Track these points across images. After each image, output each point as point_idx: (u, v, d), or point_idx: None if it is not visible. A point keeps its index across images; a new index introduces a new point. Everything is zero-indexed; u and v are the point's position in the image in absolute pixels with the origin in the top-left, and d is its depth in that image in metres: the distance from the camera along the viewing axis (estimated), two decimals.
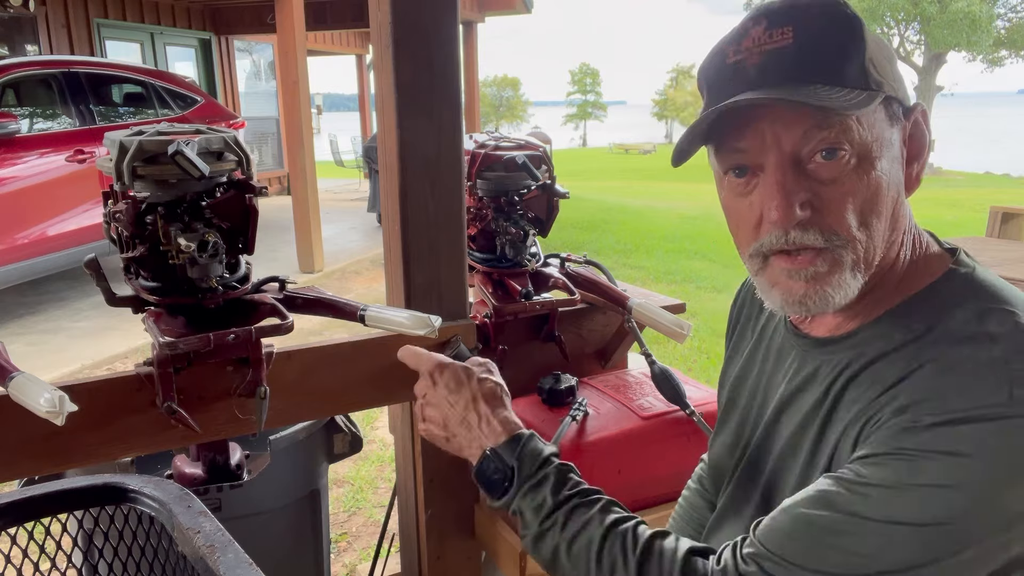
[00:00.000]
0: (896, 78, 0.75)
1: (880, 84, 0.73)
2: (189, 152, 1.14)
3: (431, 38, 1.43)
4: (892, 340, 0.74)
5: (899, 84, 0.76)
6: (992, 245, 3.01)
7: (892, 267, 0.77)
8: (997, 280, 0.75)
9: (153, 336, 1.18)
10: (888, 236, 0.76)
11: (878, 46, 0.74)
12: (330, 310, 1.38)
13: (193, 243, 1.15)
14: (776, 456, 0.86)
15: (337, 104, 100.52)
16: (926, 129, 0.78)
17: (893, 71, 0.75)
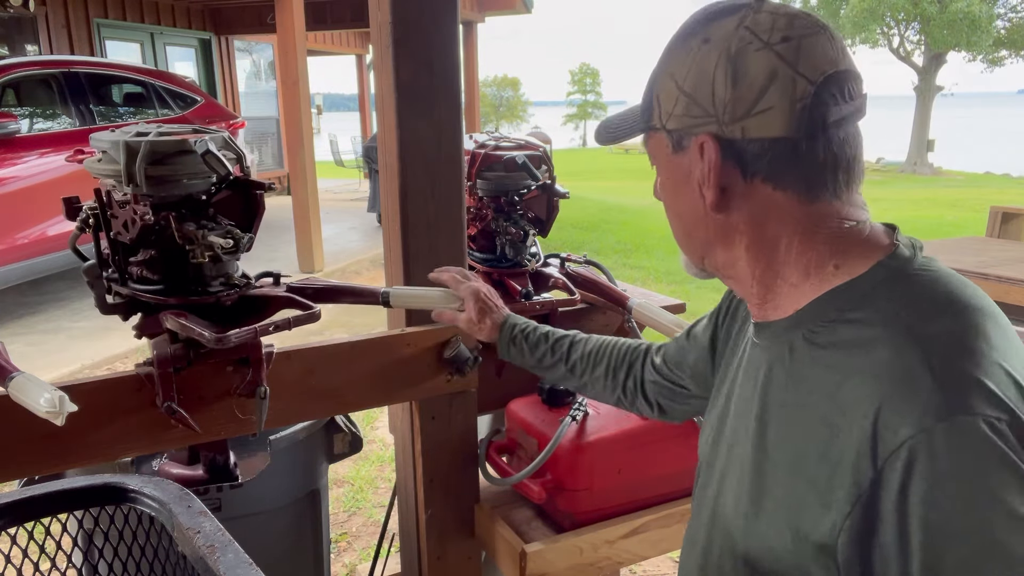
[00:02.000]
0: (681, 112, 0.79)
1: (650, 117, 0.82)
2: (216, 150, 1.15)
3: (431, 38, 1.43)
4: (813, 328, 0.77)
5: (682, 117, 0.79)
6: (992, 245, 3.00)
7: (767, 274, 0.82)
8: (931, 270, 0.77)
9: (189, 333, 1.16)
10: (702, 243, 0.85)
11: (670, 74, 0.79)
12: (346, 296, 1.38)
13: (228, 241, 1.15)
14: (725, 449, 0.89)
15: (337, 104, 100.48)
16: (705, 156, 0.78)
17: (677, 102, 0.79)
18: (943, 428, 0.63)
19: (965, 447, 0.63)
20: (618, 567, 1.58)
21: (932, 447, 0.63)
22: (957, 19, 22.75)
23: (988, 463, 0.63)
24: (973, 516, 0.62)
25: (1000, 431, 0.63)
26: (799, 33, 0.74)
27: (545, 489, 1.43)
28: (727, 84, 0.75)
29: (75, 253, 1.31)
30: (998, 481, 0.62)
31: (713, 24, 0.77)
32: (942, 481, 0.63)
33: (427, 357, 1.50)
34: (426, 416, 1.54)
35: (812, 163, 0.75)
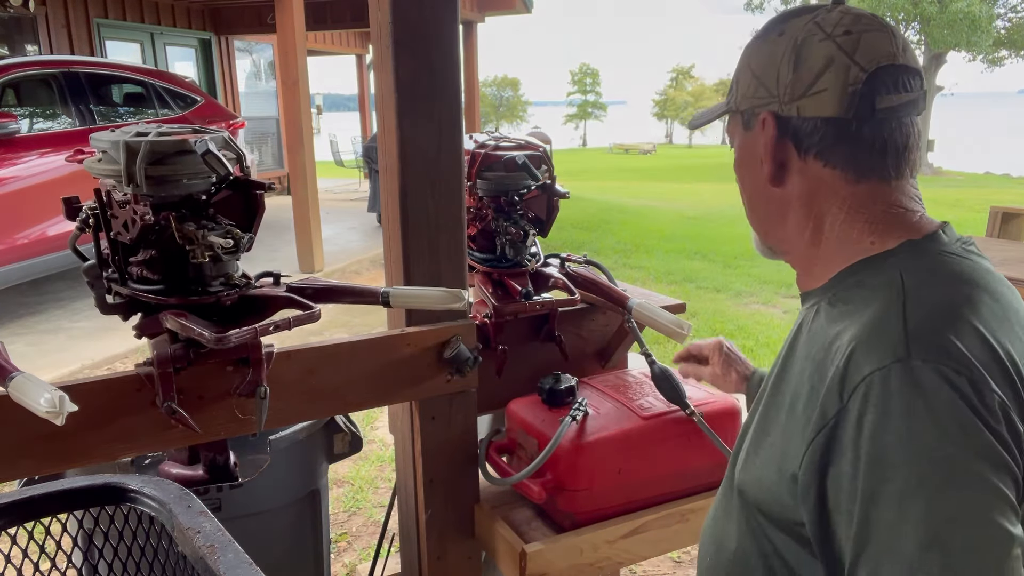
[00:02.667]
0: (752, 93, 0.88)
1: (730, 101, 0.92)
2: (216, 150, 1.15)
3: (431, 38, 1.43)
4: (833, 297, 0.85)
5: (752, 97, 0.88)
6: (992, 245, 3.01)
7: (808, 246, 0.89)
8: (949, 256, 0.81)
9: (190, 333, 1.16)
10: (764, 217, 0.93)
11: (751, 64, 0.88)
12: (346, 296, 1.38)
13: (229, 241, 1.15)
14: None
15: (337, 104, 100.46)
16: (768, 131, 0.86)
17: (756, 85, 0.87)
18: (900, 367, 0.69)
19: (917, 388, 0.68)
20: (618, 567, 1.58)
21: (887, 383, 0.69)
22: (957, 19, 22.74)
23: (936, 406, 0.67)
24: (913, 452, 0.67)
25: (954, 382, 0.67)
26: (860, 28, 0.81)
27: (545, 489, 1.43)
28: (789, 68, 0.83)
29: (75, 253, 1.31)
30: (941, 424, 0.66)
31: (790, 20, 0.86)
32: (891, 415, 0.68)
33: (427, 357, 1.50)
34: (426, 416, 1.54)
35: (861, 144, 0.81)
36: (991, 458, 0.66)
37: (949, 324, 0.72)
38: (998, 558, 0.64)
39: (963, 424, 0.66)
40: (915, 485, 0.66)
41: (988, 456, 0.66)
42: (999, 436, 0.67)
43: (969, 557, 0.64)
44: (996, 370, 0.69)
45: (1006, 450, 0.67)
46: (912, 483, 0.66)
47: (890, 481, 0.67)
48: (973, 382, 0.68)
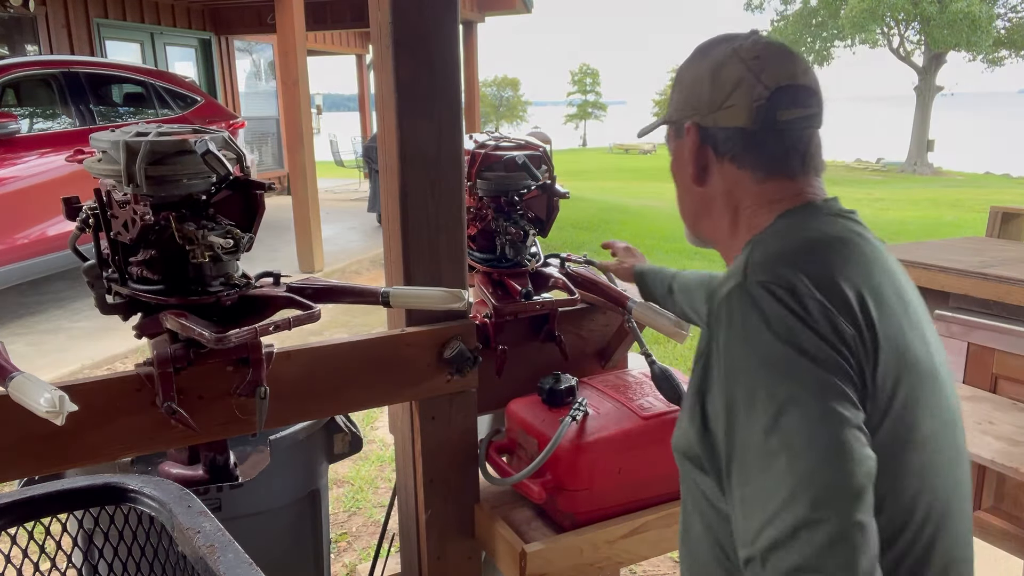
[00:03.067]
0: (680, 106, 1.02)
1: (666, 114, 1.06)
2: (216, 150, 1.15)
3: (431, 38, 1.43)
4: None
5: (681, 110, 1.02)
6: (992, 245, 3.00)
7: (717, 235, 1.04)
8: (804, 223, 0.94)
9: (190, 333, 1.16)
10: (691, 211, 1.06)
11: (681, 83, 1.03)
12: (346, 296, 1.38)
13: (228, 241, 1.15)
14: None
15: (337, 104, 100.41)
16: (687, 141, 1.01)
17: (683, 99, 1.02)
18: (738, 289, 0.85)
19: (750, 302, 0.83)
20: (618, 567, 1.58)
21: (730, 303, 0.85)
22: (957, 19, 22.75)
23: (766, 315, 0.81)
24: (752, 356, 0.80)
25: (778, 295, 0.82)
26: (768, 54, 0.96)
27: (545, 489, 1.43)
28: (709, 84, 0.98)
29: (75, 253, 1.31)
30: (772, 329, 0.80)
31: (715, 46, 1.00)
32: (734, 327, 0.83)
33: (427, 357, 1.50)
34: (426, 416, 1.54)
35: (765, 149, 0.96)
36: (817, 354, 0.78)
37: (780, 259, 0.87)
38: (830, 434, 0.75)
39: (790, 327, 0.80)
40: (756, 383, 0.79)
41: (814, 353, 0.78)
42: (823, 337, 0.79)
43: (805, 435, 0.75)
44: (820, 283, 0.83)
45: (833, 349, 0.79)
46: (753, 382, 0.79)
47: (739, 384, 0.80)
48: (796, 295, 0.81)
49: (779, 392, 0.77)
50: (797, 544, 0.72)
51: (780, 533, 0.74)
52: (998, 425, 1.80)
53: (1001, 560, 2.40)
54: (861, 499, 0.74)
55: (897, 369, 0.83)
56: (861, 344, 0.81)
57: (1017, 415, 1.86)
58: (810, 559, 0.72)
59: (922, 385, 0.85)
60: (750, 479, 0.78)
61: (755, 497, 0.77)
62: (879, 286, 0.87)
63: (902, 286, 0.91)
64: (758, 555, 0.76)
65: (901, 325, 0.86)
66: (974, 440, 1.71)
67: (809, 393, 0.77)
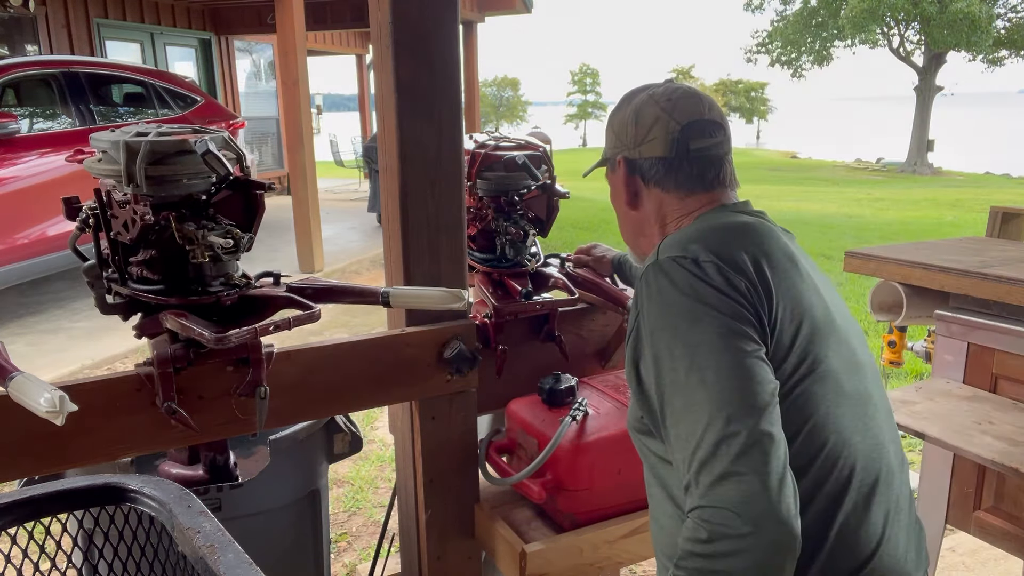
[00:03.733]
0: (613, 145, 1.22)
1: (605, 153, 1.25)
2: (216, 150, 1.15)
3: (431, 38, 1.43)
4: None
5: (612, 148, 1.22)
6: (992, 245, 3.00)
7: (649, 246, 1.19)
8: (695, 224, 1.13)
9: (190, 333, 1.16)
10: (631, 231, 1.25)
11: (613, 128, 1.22)
12: (346, 296, 1.38)
13: (228, 241, 1.15)
14: None
15: (337, 104, 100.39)
16: (617, 174, 1.22)
17: (615, 141, 1.21)
18: (651, 266, 1.03)
19: (660, 271, 1.01)
20: (618, 567, 1.58)
21: (646, 278, 1.03)
22: (957, 19, 22.73)
23: (673, 278, 0.99)
24: (665, 313, 0.98)
25: (682, 263, 1.00)
26: (677, 97, 1.16)
27: (545, 489, 1.43)
28: (633, 125, 1.17)
29: (75, 253, 1.31)
30: (677, 288, 0.98)
31: (637, 95, 1.20)
32: (651, 295, 1.01)
33: (427, 357, 1.50)
34: (426, 416, 1.54)
35: (682, 172, 1.15)
36: (717, 304, 0.96)
37: (684, 239, 1.05)
38: (734, 362, 0.91)
39: (692, 286, 0.97)
40: (673, 335, 0.96)
41: (715, 303, 0.96)
42: (720, 290, 0.97)
43: (714, 368, 0.91)
44: (723, 255, 1.00)
45: (730, 298, 0.96)
46: (669, 334, 0.96)
47: (661, 340, 0.97)
48: (696, 262, 0.99)
49: (691, 337, 0.94)
50: (718, 457, 0.86)
51: (705, 453, 0.87)
52: (998, 425, 1.80)
53: (1001, 560, 2.40)
54: (767, 412, 0.89)
55: (794, 312, 1.00)
56: (755, 293, 0.98)
57: (1017, 415, 1.86)
58: (728, 467, 0.85)
59: (819, 327, 1.01)
60: (680, 418, 0.92)
61: (685, 431, 0.91)
62: (770, 251, 1.04)
63: (793, 253, 1.08)
64: (692, 478, 0.89)
65: (792, 279, 1.03)
66: (974, 440, 1.71)
67: (715, 334, 0.93)
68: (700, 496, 0.87)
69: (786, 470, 0.86)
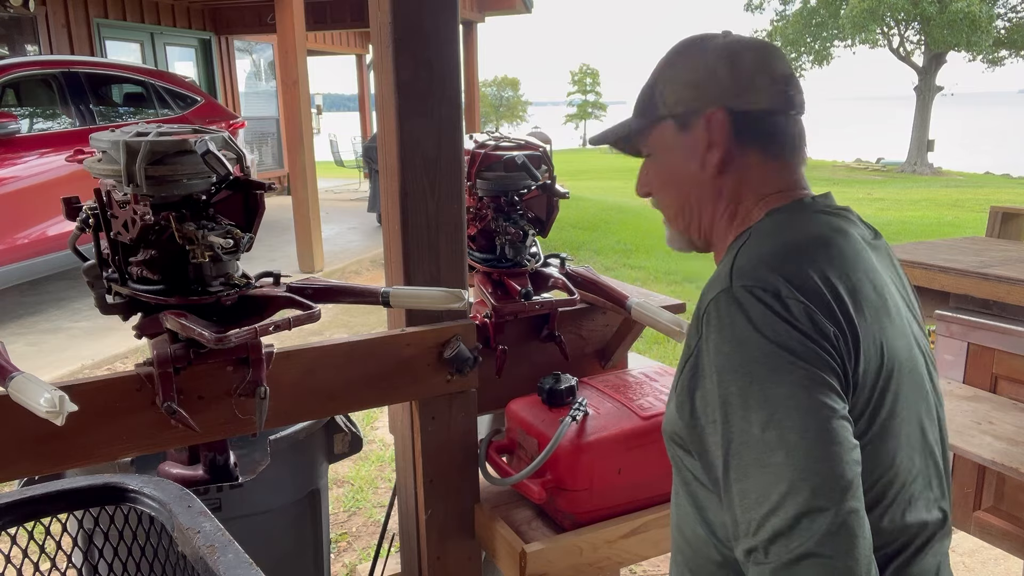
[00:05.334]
0: (687, 97, 1.00)
1: (657, 110, 1.02)
2: (216, 150, 1.15)
3: (431, 38, 1.43)
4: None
5: (688, 101, 0.99)
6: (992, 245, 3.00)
7: (715, 226, 1.04)
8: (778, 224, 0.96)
9: (190, 333, 1.16)
10: (697, 209, 1.04)
11: (675, 80, 1.01)
12: (346, 296, 1.39)
13: (229, 241, 1.15)
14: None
15: (337, 104, 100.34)
16: (716, 127, 0.98)
17: (687, 93, 1.00)
18: (725, 295, 0.87)
19: (736, 306, 0.86)
20: (618, 567, 1.58)
21: (719, 309, 0.87)
22: (957, 19, 22.72)
23: (752, 317, 0.84)
24: (742, 357, 0.84)
25: (762, 298, 0.85)
26: (764, 46, 1.01)
27: (545, 489, 1.43)
28: (728, 68, 0.97)
29: (75, 253, 1.31)
30: (758, 330, 0.83)
31: (712, 39, 1.01)
32: (723, 331, 0.86)
33: (427, 357, 1.50)
34: (426, 416, 1.54)
35: (784, 135, 0.98)
36: (803, 351, 0.82)
37: (762, 263, 0.89)
38: (821, 426, 0.80)
39: (776, 328, 0.83)
40: (749, 382, 0.82)
41: (800, 350, 0.82)
42: (807, 335, 0.83)
43: (799, 429, 0.79)
44: (802, 284, 0.86)
45: (817, 345, 0.83)
46: (747, 381, 0.83)
47: (733, 383, 0.83)
48: (778, 296, 0.84)
49: (770, 388, 0.81)
50: (799, 532, 0.77)
51: (783, 523, 0.77)
52: (998, 425, 1.80)
53: (1001, 560, 2.40)
54: (854, 486, 0.79)
55: (878, 362, 0.88)
56: (842, 341, 0.85)
57: (1017, 415, 1.86)
58: (813, 546, 0.76)
59: (901, 377, 0.90)
60: (748, 473, 0.82)
61: (755, 490, 0.81)
62: (858, 283, 0.90)
63: (882, 282, 0.95)
64: (760, 545, 0.79)
65: (881, 321, 0.90)
66: (974, 440, 1.71)
67: (799, 388, 0.81)
68: (773, 571, 0.78)
69: (871, 552, 0.79)
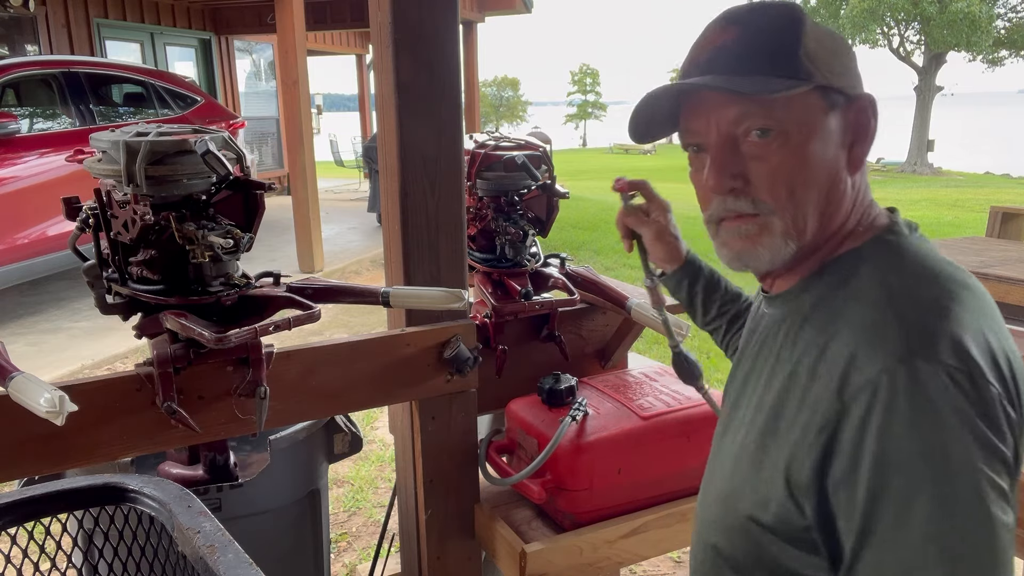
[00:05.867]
0: (837, 70, 0.82)
1: (811, 74, 0.80)
2: (216, 150, 1.15)
3: (431, 38, 1.43)
4: (817, 292, 0.85)
5: (840, 75, 0.82)
6: (992, 245, 3.00)
7: (833, 235, 0.85)
8: (921, 250, 0.82)
9: (190, 333, 1.16)
10: (824, 207, 0.84)
11: (821, 42, 0.82)
12: (346, 296, 1.39)
13: (228, 241, 1.15)
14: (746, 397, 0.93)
15: (337, 104, 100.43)
16: (871, 116, 0.84)
17: (836, 63, 0.82)
18: (905, 370, 0.70)
19: (921, 390, 0.69)
20: (618, 567, 1.58)
21: (894, 385, 0.70)
22: (957, 19, 22.74)
23: (939, 405, 0.69)
24: (917, 450, 0.69)
25: (956, 379, 0.69)
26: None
27: (545, 489, 1.43)
28: (846, 51, 0.84)
29: (75, 253, 1.31)
30: (943, 422, 0.68)
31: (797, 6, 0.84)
32: (896, 415, 0.70)
33: (427, 357, 1.50)
34: (426, 416, 1.54)
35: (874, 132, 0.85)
36: (988, 450, 0.69)
37: (942, 321, 0.73)
38: (991, 546, 0.68)
39: (964, 421, 0.68)
40: (919, 481, 0.68)
41: (986, 449, 0.69)
42: (996, 429, 0.69)
43: (966, 546, 0.68)
44: (988, 361, 0.71)
45: (1001, 441, 0.70)
46: (916, 479, 0.68)
47: (895, 477, 0.69)
48: (972, 378, 0.69)
49: (945, 499, 0.68)
50: None
51: None
52: None
53: None
54: None
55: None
56: (1020, 427, 0.73)
57: None
58: None
59: None
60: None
61: None
62: (1014, 350, 0.76)
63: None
64: None
65: None
66: None
67: (976, 502, 0.68)
68: None
69: None
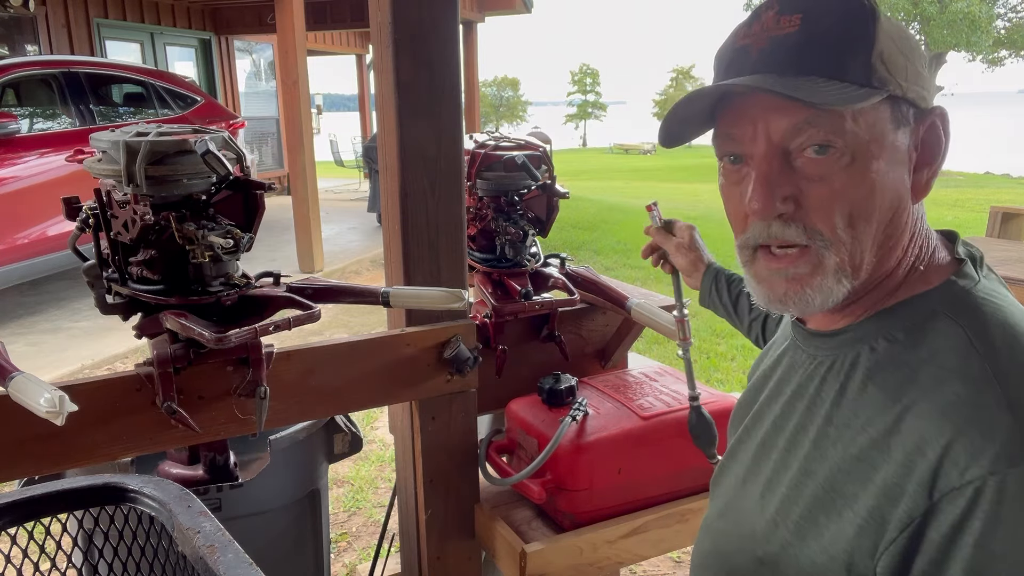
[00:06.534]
0: (912, 77, 0.70)
1: (885, 82, 0.68)
2: (216, 150, 1.15)
3: (431, 38, 1.43)
4: (875, 344, 0.73)
5: (914, 84, 0.70)
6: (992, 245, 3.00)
7: (891, 274, 0.74)
8: (996, 298, 0.71)
9: (190, 333, 1.16)
10: (883, 241, 0.72)
11: (894, 41, 0.69)
12: (346, 296, 1.39)
13: (228, 241, 1.15)
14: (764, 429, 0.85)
15: (337, 104, 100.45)
16: (943, 135, 0.73)
17: (910, 69, 0.70)
18: (1016, 475, 0.60)
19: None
20: (618, 567, 1.58)
21: (1002, 492, 0.60)
22: (957, 19, 22.75)
23: None
24: (1020, 568, 0.60)
25: None
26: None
27: (545, 489, 1.43)
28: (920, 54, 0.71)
29: (75, 253, 1.31)
30: None
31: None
32: (1004, 525, 0.60)
33: (427, 357, 1.50)
34: (426, 416, 1.54)
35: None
36: None
37: None
38: None
39: None
40: None
41: None
42: None
43: None
44: None
45: None
46: None
47: None
48: None
49: None
50: None
51: None
52: None
53: None
54: None
55: None
56: None
57: None
58: None
59: None
60: None
61: None
62: None
63: None
64: None
65: None
66: None
67: None
68: None
69: None
